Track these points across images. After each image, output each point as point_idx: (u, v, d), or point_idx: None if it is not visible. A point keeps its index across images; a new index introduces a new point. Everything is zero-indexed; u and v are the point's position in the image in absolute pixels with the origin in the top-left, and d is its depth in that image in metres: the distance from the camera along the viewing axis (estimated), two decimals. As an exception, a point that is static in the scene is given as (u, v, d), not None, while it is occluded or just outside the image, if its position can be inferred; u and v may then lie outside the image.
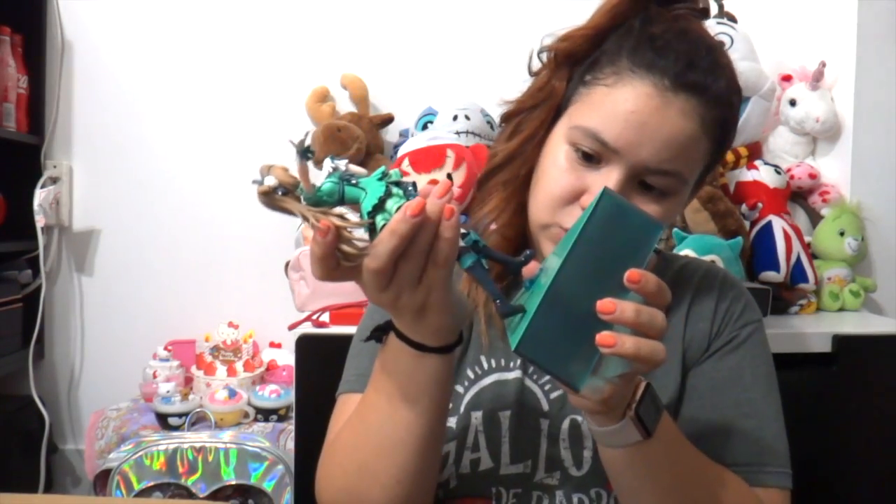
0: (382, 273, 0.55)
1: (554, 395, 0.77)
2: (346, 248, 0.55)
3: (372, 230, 0.56)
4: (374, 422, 0.67)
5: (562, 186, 0.70)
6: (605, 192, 0.57)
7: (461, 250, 0.57)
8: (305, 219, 0.55)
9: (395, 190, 0.56)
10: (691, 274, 0.82)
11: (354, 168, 0.58)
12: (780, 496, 0.73)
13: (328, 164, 0.58)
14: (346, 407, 0.76)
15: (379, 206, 0.56)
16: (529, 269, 0.59)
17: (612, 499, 0.74)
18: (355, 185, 0.57)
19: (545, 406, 0.77)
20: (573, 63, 0.73)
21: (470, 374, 0.79)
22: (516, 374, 0.78)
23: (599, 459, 0.74)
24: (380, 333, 0.65)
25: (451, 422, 0.77)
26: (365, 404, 0.69)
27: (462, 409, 0.77)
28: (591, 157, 0.70)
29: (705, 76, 0.69)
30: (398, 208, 0.55)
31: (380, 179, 0.56)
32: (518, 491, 0.75)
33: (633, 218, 0.57)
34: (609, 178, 0.69)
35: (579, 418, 0.76)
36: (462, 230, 0.57)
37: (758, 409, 0.76)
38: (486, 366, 0.79)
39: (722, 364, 0.78)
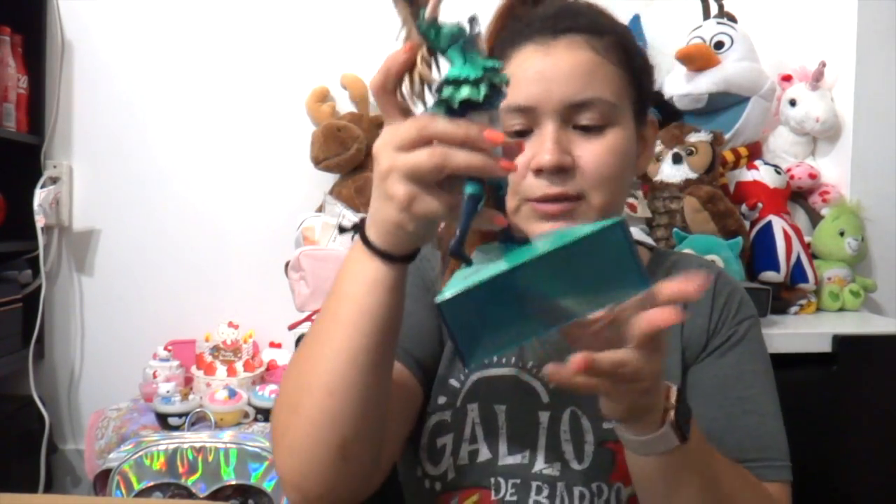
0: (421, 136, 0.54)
1: (554, 386, 0.77)
2: (412, 77, 0.55)
3: (439, 94, 0.54)
4: (320, 327, 0.64)
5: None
6: (622, 221, 0.54)
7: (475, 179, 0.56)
8: (405, 28, 0.55)
9: (483, 86, 0.53)
10: (684, 269, 0.83)
11: (481, 45, 0.55)
12: (783, 490, 0.74)
13: (467, 23, 0.55)
14: None
15: (455, 83, 0.54)
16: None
17: (613, 493, 0.74)
18: (464, 53, 0.54)
19: (545, 398, 0.77)
20: (499, 50, 0.78)
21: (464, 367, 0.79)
22: (509, 370, 0.78)
23: (601, 454, 0.74)
24: (357, 228, 0.67)
25: (447, 415, 0.77)
26: (318, 315, 0.66)
27: (459, 402, 0.77)
28: (523, 132, 0.73)
29: (575, 17, 0.74)
30: (464, 100, 0.53)
31: (486, 68, 0.54)
32: (517, 481, 0.75)
33: (629, 262, 0.54)
34: (544, 133, 0.71)
35: (579, 411, 0.76)
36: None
37: (759, 404, 0.77)
38: None
39: (723, 361, 0.78)
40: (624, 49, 0.76)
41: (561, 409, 0.76)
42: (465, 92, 0.53)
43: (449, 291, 0.53)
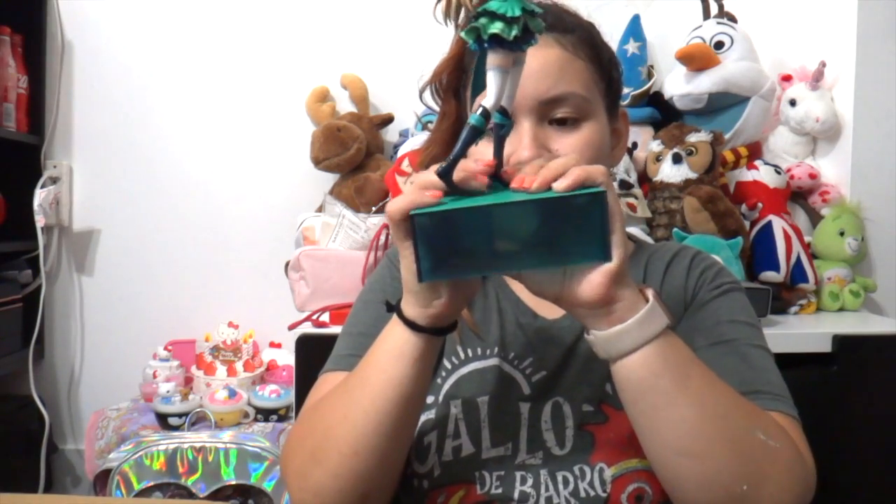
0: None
1: (536, 378, 0.77)
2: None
3: (473, 21, 0.56)
4: (350, 386, 0.69)
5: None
6: (604, 192, 0.57)
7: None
8: None
9: (516, 27, 0.55)
10: (664, 252, 0.84)
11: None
12: (783, 420, 0.69)
13: None
14: (324, 384, 0.78)
15: (492, 15, 0.55)
16: (518, 179, 0.59)
17: (596, 474, 0.74)
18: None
19: (527, 389, 0.77)
20: (454, 89, 0.81)
21: (447, 364, 0.80)
22: (493, 361, 0.79)
23: (581, 437, 0.74)
24: (391, 308, 0.68)
25: (430, 413, 0.78)
26: (352, 372, 0.71)
27: (441, 398, 0.78)
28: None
29: (542, 17, 0.74)
30: (493, 34, 0.55)
31: (525, 10, 0.55)
32: (501, 473, 0.75)
33: (599, 232, 0.57)
34: (520, 130, 0.72)
35: (561, 400, 0.76)
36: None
37: (739, 348, 0.74)
38: (462, 355, 0.80)
39: (697, 316, 0.77)
40: (591, 44, 0.77)
41: (543, 400, 0.77)
42: (496, 27, 0.55)
43: (427, 209, 0.57)
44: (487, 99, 0.58)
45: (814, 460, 0.68)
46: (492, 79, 0.58)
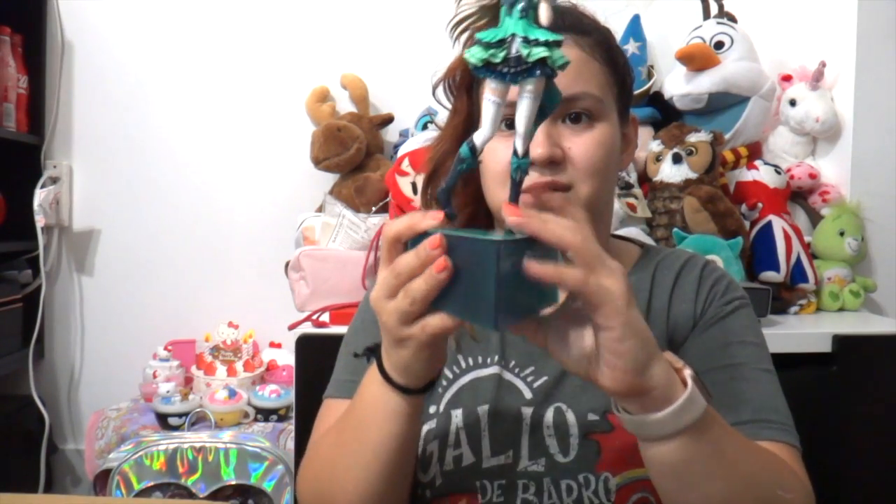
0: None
1: (537, 384, 0.77)
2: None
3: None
4: (347, 438, 0.70)
5: (500, 161, 0.74)
6: (502, 242, 0.51)
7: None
8: None
9: (493, 51, 0.50)
10: (673, 261, 0.84)
11: (541, 15, 0.50)
12: (786, 451, 0.71)
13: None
14: (328, 412, 0.80)
15: (478, 42, 0.50)
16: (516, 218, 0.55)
17: (601, 483, 0.73)
18: (508, 16, 0.50)
19: (528, 395, 0.77)
20: (467, 86, 0.81)
21: (448, 373, 0.80)
22: (493, 369, 0.79)
23: (586, 445, 0.74)
24: (370, 354, 0.67)
25: (432, 423, 0.78)
26: (344, 418, 0.72)
27: (442, 408, 0.78)
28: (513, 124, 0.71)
29: (560, 17, 0.72)
30: (471, 62, 0.51)
31: (516, 36, 0.49)
32: (502, 482, 0.75)
33: (488, 289, 0.51)
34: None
35: (564, 406, 0.76)
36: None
37: (748, 372, 0.75)
38: (463, 365, 0.80)
39: (707, 335, 0.78)
40: (607, 48, 0.78)
41: (545, 405, 0.76)
42: (472, 53, 0.51)
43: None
44: (479, 132, 0.55)
45: (810, 479, 0.70)
46: (483, 109, 0.54)
